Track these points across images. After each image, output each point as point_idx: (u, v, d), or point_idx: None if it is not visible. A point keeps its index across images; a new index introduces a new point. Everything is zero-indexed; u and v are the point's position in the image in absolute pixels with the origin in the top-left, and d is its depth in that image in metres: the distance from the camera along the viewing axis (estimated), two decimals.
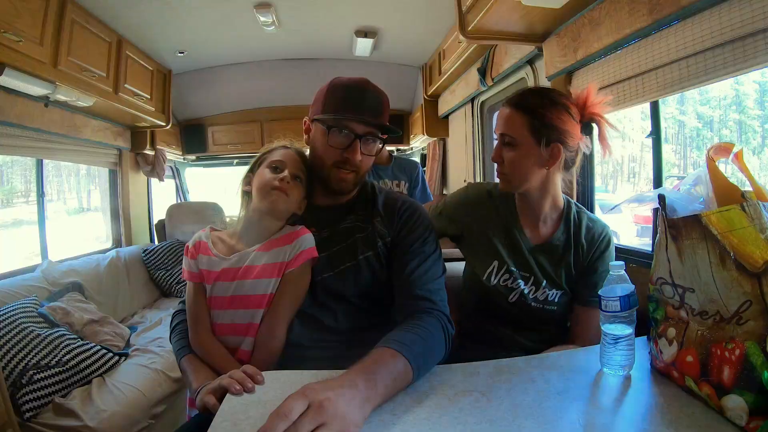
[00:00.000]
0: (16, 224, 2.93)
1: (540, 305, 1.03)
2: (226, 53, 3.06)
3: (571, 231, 1.04)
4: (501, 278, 1.04)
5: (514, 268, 1.04)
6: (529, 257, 1.04)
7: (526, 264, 1.04)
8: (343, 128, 0.90)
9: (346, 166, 0.92)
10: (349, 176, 0.93)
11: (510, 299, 1.03)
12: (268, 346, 0.87)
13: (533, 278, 1.03)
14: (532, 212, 1.06)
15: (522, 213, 1.07)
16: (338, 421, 0.54)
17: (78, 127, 2.41)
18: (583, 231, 1.04)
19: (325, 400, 0.55)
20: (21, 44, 1.61)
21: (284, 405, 0.53)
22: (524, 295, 1.03)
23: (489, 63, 2.20)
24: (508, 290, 1.03)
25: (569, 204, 1.08)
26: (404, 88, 3.59)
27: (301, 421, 0.52)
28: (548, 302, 1.03)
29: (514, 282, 1.03)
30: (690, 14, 1.03)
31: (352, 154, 0.90)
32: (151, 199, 3.41)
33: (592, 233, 1.04)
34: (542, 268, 1.03)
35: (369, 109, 0.91)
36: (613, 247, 1.05)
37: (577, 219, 1.05)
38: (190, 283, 0.94)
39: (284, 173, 0.92)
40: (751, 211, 0.57)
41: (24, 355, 1.51)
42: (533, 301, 1.03)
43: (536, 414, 0.61)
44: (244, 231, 0.96)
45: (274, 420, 0.51)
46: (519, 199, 1.08)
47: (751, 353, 0.54)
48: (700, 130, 2.12)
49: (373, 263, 0.93)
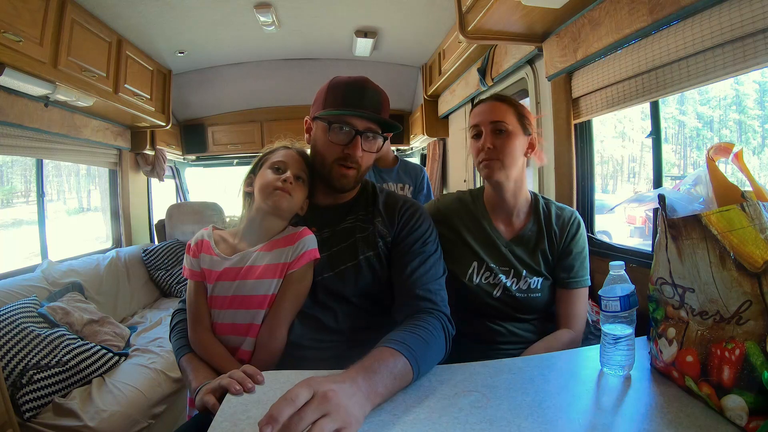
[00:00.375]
0: (16, 224, 2.93)
1: (525, 295, 1.06)
2: (226, 53, 3.05)
3: (542, 220, 1.10)
4: (482, 276, 1.08)
5: (493, 265, 1.07)
6: (505, 251, 1.08)
7: (504, 258, 1.08)
8: (343, 125, 0.90)
9: (347, 162, 0.92)
10: (351, 173, 0.94)
11: (495, 295, 1.07)
12: (269, 346, 0.87)
13: (513, 270, 1.07)
14: (504, 207, 1.11)
15: (493, 210, 1.13)
16: (341, 413, 0.55)
17: (78, 127, 2.41)
18: (554, 218, 1.10)
19: (329, 391, 0.55)
20: (21, 44, 1.61)
21: (291, 391, 0.54)
22: (508, 288, 1.06)
23: (489, 63, 2.20)
24: (491, 287, 1.07)
25: (536, 196, 1.14)
26: (404, 88, 3.59)
27: (305, 409, 0.53)
28: (532, 290, 1.06)
29: (496, 278, 1.07)
30: (690, 14, 1.03)
31: (353, 150, 0.91)
32: (151, 199, 3.41)
33: (562, 219, 1.10)
34: (520, 259, 1.08)
35: (369, 106, 0.91)
36: (584, 230, 1.11)
37: (546, 208, 1.12)
38: (191, 282, 0.94)
39: (287, 173, 0.93)
40: (751, 211, 0.57)
41: (24, 355, 1.51)
42: (518, 291, 1.06)
43: (536, 414, 0.61)
44: (246, 231, 0.96)
45: (281, 403, 0.52)
46: (490, 197, 1.13)
47: (751, 353, 0.54)
48: (700, 130, 2.12)
49: (373, 263, 0.93)
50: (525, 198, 1.12)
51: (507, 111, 1.06)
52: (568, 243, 1.08)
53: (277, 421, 0.51)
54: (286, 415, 0.52)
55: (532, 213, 1.11)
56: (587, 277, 1.08)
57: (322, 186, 0.99)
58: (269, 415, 0.51)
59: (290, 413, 0.52)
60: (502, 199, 1.10)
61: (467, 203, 1.15)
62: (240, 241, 0.96)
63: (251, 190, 0.97)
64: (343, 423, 0.54)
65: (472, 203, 1.15)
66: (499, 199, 1.10)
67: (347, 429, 0.54)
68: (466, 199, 1.16)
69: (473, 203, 1.15)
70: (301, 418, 0.52)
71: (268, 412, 0.52)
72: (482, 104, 1.10)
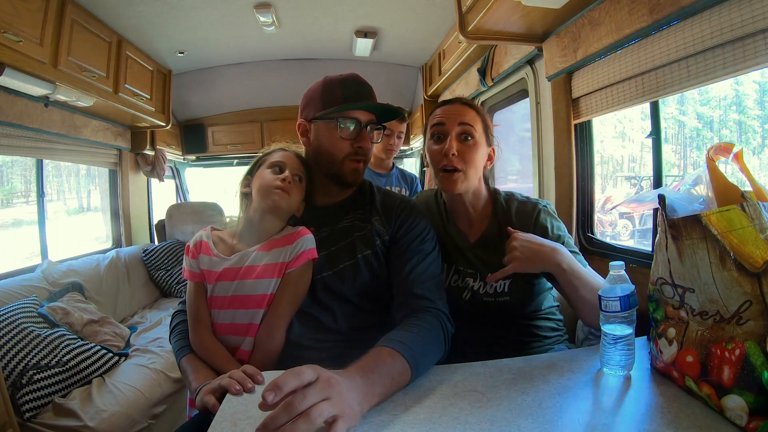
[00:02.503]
0: (16, 224, 2.93)
1: (492, 299, 1.02)
2: (226, 53, 3.05)
3: (501, 220, 1.04)
4: (452, 279, 1.07)
5: (461, 267, 1.06)
6: (470, 255, 1.06)
7: (469, 262, 1.06)
8: (351, 120, 0.92)
9: (357, 156, 0.94)
10: (361, 166, 0.97)
11: (464, 297, 1.04)
12: (268, 346, 0.88)
13: (479, 274, 1.04)
14: (465, 213, 1.08)
15: (455, 214, 1.10)
16: (342, 400, 0.55)
17: (78, 127, 2.41)
18: (514, 213, 1.04)
19: (332, 378, 0.57)
20: (21, 44, 1.61)
21: (297, 368, 0.55)
22: (476, 292, 1.04)
23: (489, 63, 2.20)
24: (459, 290, 1.05)
25: (496, 194, 1.09)
26: (404, 88, 3.59)
27: (309, 389, 0.53)
28: (498, 294, 1.02)
29: (464, 281, 1.05)
30: (690, 14, 1.03)
31: (363, 142, 0.94)
32: (151, 199, 3.41)
33: (522, 212, 1.03)
34: (484, 263, 1.04)
35: (367, 99, 0.95)
36: (546, 216, 1.02)
37: (505, 205, 1.06)
38: (190, 283, 0.95)
39: (285, 173, 0.93)
40: (751, 211, 0.57)
41: (24, 355, 1.51)
42: (485, 296, 1.03)
43: (536, 414, 0.61)
44: (244, 231, 0.97)
45: (287, 375, 0.53)
46: (450, 201, 1.10)
47: (751, 353, 0.54)
48: (700, 130, 2.11)
49: (371, 262, 0.93)
50: (484, 200, 1.08)
51: (475, 117, 1.02)
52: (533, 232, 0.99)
53: (281, 389, 0.52)
54: (290, 387, 0.52)
55: (491, 213, 1.07)
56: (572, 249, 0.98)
57: (321, 186, 0.99)
58: (274, 383, 0.52)
59: (295, 386, 0.53)
60: (461, 207, 1.08)
61: (439, 204, 1.14)
62: (238, 242, 0.96)
63: (249, 191, 0.98)
64: (341, 411, 0.54)
65: (437, 206, 1.13)
66: (457, 206, 1.09)
67: (344, 419, 0.54)
68: (433, 202, 1.15)
69: (438, 207, 1.13)
70: (305, 396, 0.52)
71: (272, 381, 0.52)
72: (448, 105, 1.04)
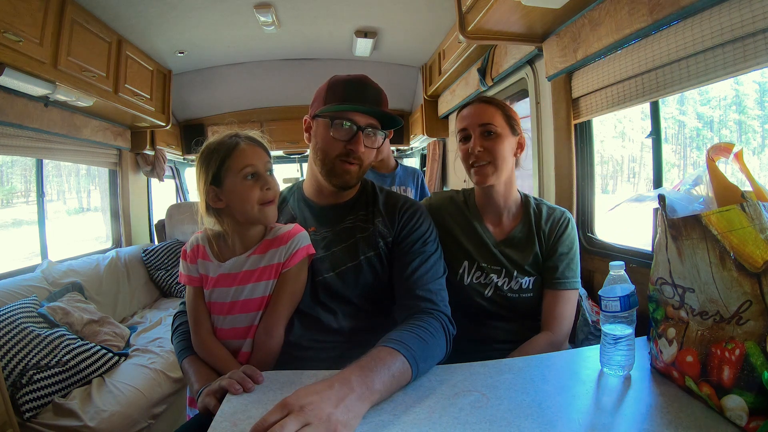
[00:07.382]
0: (16, 224, 2.93)
1: (516, 294, 1.06)
2: (226, 53, 3.05)
3: (532, 220, 1.10)
4: (474, 276, 1.08)
5: (484, 264, 1.08)
6: (496, 251, 1.09)
7: (495, 258, 1.08)
8: (345, 120, 0.90)
9: (349, 158, 0.92)
10: (353, 168, 0.93)
11: (486, 294, 1.07)
12: (267, 345, 0.87)
13: (504, 270, 1.07)
14: (495, 208, 1.12)
15: (484, 211, 1.13)
16: (323, 423, 0.55)
17: (78, 127, 2.41)
18: (544, 218, 1.10)
19: (306, 405, 0.56)
20: (21, 44, 1.61)
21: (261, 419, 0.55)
22: (499, 288, 1.07)
23: (489, 63, 2.20)
24: (482, 286, 1.08)
25: (527, 197, 1.15)
26: (404, 88, 3.59)
27: (285, 421, 0.53)
28: (523, 290, 1.06)
29: (487, 277, 1.07)
30: (690, 14, 1.03)
31: (356, 145, 0.91)
32: (151, 199, 3.41)
33: (552, 218, 1.10)
34: (510, 260, 1.08)
35: (369, 102, 0.92)
36: (573, 231, 1.10)
37: (537, 209, 1.12)
38: (189, 287, 0.94)
39: (265, 180, 0.88)
40: (751, 211, 0.57)
41: (24, 355, 1.51)
42: (509, 291, 1.06)
43: (536, 414, 0.61)
44: (234, 239, 0.93)
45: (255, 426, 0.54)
46: (481, 198, 1.13)
47: (751, 353, 0.54)
48: (700, 130, 2.11)
49: (374, 263, 0.93)
50: (515, 199, 1.12)
51: (494, 113, 1.06)
52: (554, 243, 1.07)
53: None
54: None
55: (523, 214, 1.11)
56: (575, 279, 1.05)
57: (322, 186, 0.98)
58: None
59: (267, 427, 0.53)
60: (493, 201, 1.11)
61: (459, 203, 1.16)
62: (231, 245, 0.94)
63: (223, 205, 0.89)
64: (326, 430, 0.54)
65: (464, 204, 1.16)
66: (489, 200, 1.11)
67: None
68: (458, 200, 1.18)
69: (465, 204, 1.16)
70: (283, 427, 0.52)
71: None
72: (469, 107, 1.10)
